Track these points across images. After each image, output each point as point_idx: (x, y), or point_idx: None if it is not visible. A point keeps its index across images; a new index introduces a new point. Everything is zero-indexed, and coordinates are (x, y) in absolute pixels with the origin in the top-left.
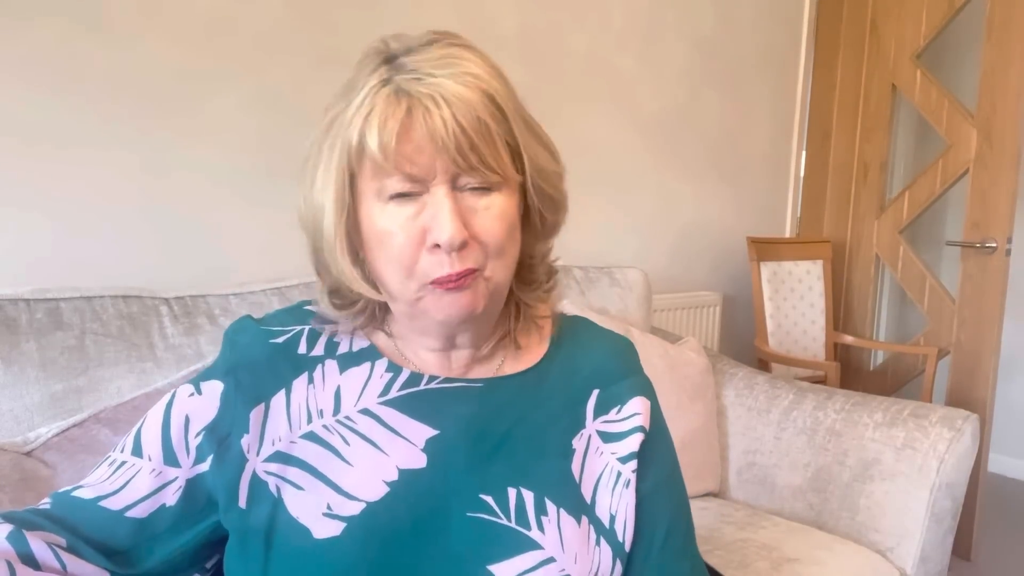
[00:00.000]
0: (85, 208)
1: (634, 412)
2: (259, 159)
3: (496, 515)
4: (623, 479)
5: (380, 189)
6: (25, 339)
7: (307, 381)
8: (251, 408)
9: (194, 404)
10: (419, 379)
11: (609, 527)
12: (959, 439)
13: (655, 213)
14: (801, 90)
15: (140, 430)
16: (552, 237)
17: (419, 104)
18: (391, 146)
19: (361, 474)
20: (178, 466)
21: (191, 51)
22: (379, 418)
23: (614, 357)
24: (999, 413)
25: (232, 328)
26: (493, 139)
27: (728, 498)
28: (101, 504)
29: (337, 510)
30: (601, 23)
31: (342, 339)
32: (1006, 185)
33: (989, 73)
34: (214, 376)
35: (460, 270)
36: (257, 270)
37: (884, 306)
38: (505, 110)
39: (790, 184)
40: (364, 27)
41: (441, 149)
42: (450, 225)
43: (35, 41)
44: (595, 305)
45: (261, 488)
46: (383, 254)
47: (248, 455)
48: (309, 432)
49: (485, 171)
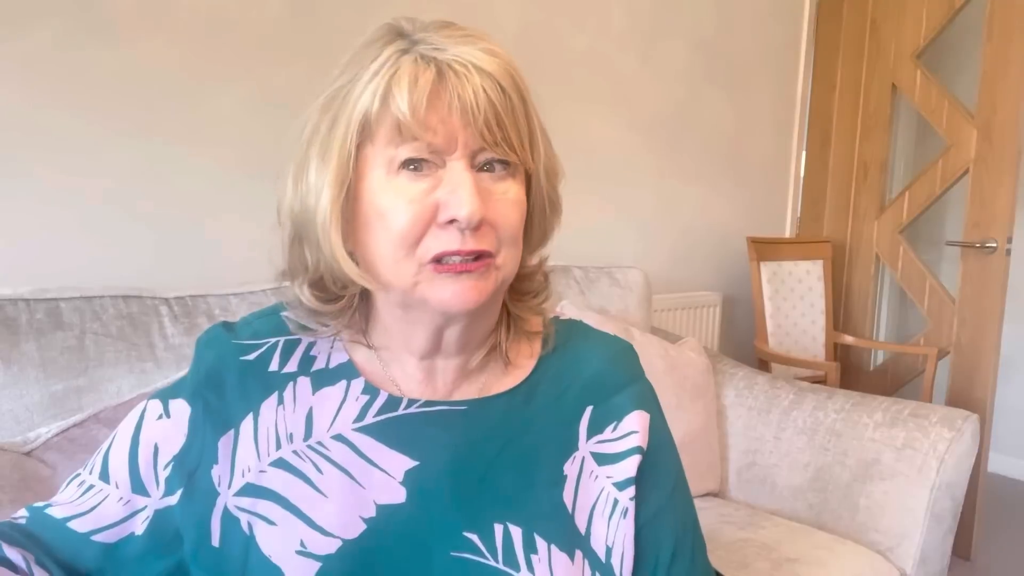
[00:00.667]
0: (85, 208)
1: (631, 430)
2: (259, 159)
3: (482, 555)
4: (620, 507)
5: (392, 158)
6: (25, 339)
7: (277, 402)
8: (220, 435)
9: (162, 430)
10: (397, 403)
11: (605, 561)
12: (959, 439)
13: (655, 213)
14: (801, 90)
15: (108, 453)
16: (546, 243)
17: (449, 69)
18: (421, 107)
19: (336, 508)
20: (147, 495)
21: (192, 51)
22: (354, 446)
23: (610, 365)
24: (999, 413)
25: (203, 339)
26: (516, 116)
27: (728, 498)
28: (69, 525)
29: (312, 548)
30: (601, 23)
31: (320, 352)
32: (1006, 185)
33: (989, 73)
34: (183, 395)
35: (474, 248)
36: (257, 270)
37: (884, 306)
38: (523, 91)
39: (790, 184)
40: (364, 27)
41: (468, 120)
42: (472, 200)
43: (35, 41)
44: (595, 305)
45: (233, 525)
46: (382, 233)
47: (219, 488)
48: (278, 459)
49: (508, 149)
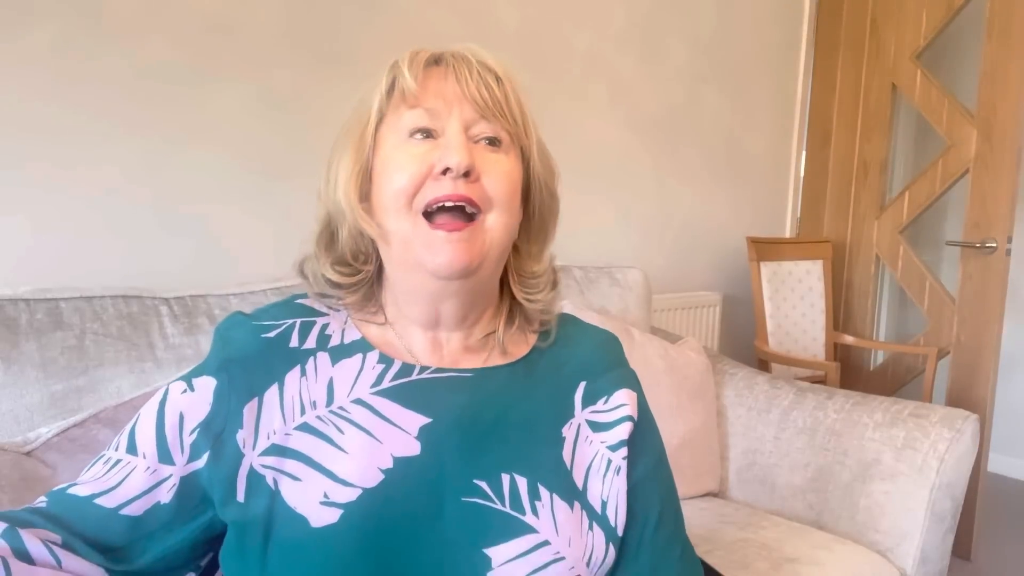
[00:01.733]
0: (85, 208)
1: (621, 403)
2: (259, 159)
3: (490, 500)
4: (614, 466)
5: (401, 123)
6: (25, 339)
7: (300, 374)
8: (245, 403)
9: (187, 401)
10: (411, 369)
11: (601, 513)
12: (959, 439)
13: (655, 213)
14: (801, 90)
15: (134, 428)
16: (547, 237)
17: (448, 54)
18: (419, 74)
19: (356, 461)
20: (172, 464)
21: (191, 51)
22: (372, 407)
23: (599, 350)
24: (999, 413)
25: (224, 324)
26: (509, 94)
27: (728, 498)
28: (96, 502)
29: (333, 497)
30: (601, 23)
31: (334, 332)
32: (1006, 185)
33: (989, 73)
34: (206, 372)
35: (464, 194)
36: (257, 270)
37: (884, 306)
38: (516, 86)
39: (790, 184)
40: (364, 27)
41: (463, 91)
42: (460, 150)
43: (35, 41)
44: (595, 305)
45: (258, 481)
46: (389, 186)
47: (244, 450)
48: (303, 423)
49: (501, 118)
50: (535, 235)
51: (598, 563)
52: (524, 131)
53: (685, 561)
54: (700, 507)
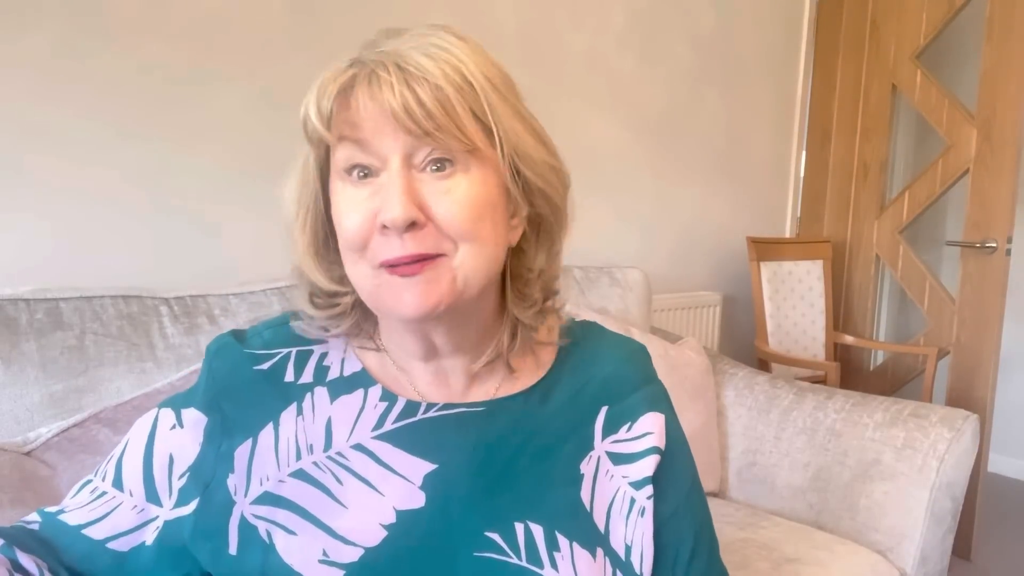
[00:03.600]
0: (85, 208)
1: (646, 431)
2: (259, 159)
3: (505, 554)
4: (637, 507)
5: (337, 159)
6: (25, 339)
7: (296, 413)
8: (237, 446)
9: (177, 440)
10: (416, 408)
11: (625, 559)
12: (959, 439)
13: (655, 213)
14: (801, 90)
15: (121, 460)
16: (550, 246)
17: (364, 69)
18: (327, 111)
19: (356, 517)
20: (160, 506)
21: (191, 51)
22: (373, 454)
23: (624, 366)
24: (999, 413)
25: (213, 348)
26: (452, 105)
27: (728, 498)
28: (84, 532)
29: (333, 556)
30: (601, 23)
31: (332, 362)
32: (1006, 185)
33: (989, 73)
34: (196, 404)
35: (413, 252)
36: (257, 270)
37: (884, 306)
38: (473, 83)
39: (790, 184)
40: (364, 27)
41: (387, 114)
42: (395, 202)
43: (35, 41)
44: (595, 305)
45: (251, 533)
46: (341, 238)
47: (235, 497)
48: (298, 470)
49: (440, 136)
50: (530, 243)
51: None
52: (491, 137)
53: None
54: None
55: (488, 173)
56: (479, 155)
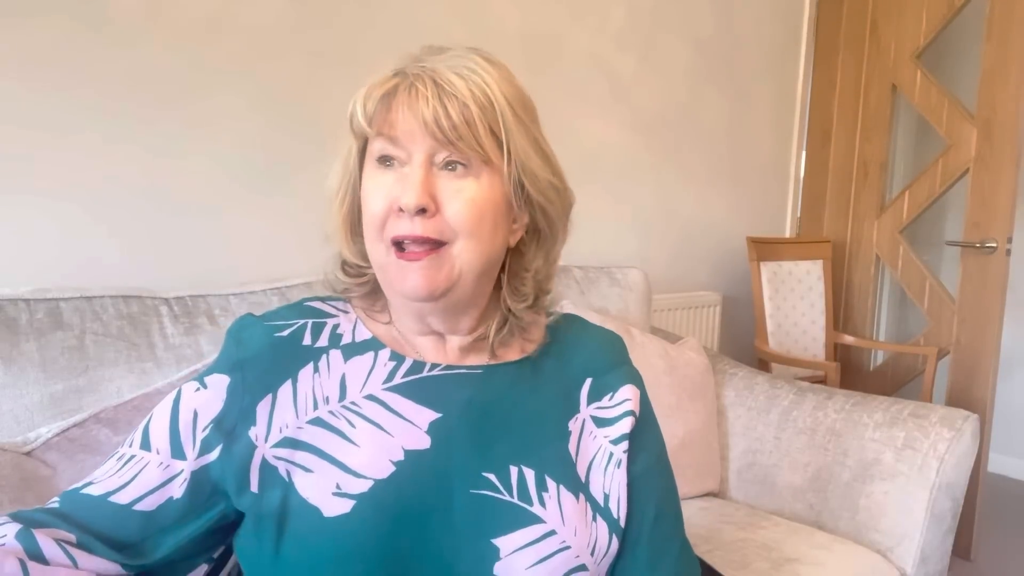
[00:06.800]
0: (85, 208)
1: (625, 398)
2: (260, 159)
3: (499, 491)
4: (615, 459)
5: (373, 149)
6: (25, 339)
7: (313, 370)
8: (259, 400)
9: (201, 398)
10: (422, 367)
11: (604, 505)
12: (959, 439)
13: (655, 213)
14: (801, 90)
15: (148, 425)
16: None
17: (406, 80)
18: (371, 111)
19: (368, 454)
20: (184, 459)
21: (191, 50)
22: (384, 403)
23: (604, 349)
24: (999, 413)
25: (236, 325)
26: (475, 121)
27: (728, 498)
28: (110, 499)
29: (346, 488)
30: (601, 23)
31: (345, 330)
32: (1006, 185)
33: (989, 73)
34: (219, 370)
35: (420, 233)
36: (257, 270)
37: (884, 306)
38: (495, 103)
39: (790, 184)
40: (364, 26)
41: (420, 121)
42: (412, 190)
43: (36, 39)
44: (595, 305)
45: (271, 473)
46: (366, 213)
47: (257, 443)
48: (315, 418)
49: (460, 145)
50: (529, 247)
51: (602, 552)
52: (502, 152)
53: (683, 558)
54: (700, 507)
55: (496, 181)
56: (491, 165)
